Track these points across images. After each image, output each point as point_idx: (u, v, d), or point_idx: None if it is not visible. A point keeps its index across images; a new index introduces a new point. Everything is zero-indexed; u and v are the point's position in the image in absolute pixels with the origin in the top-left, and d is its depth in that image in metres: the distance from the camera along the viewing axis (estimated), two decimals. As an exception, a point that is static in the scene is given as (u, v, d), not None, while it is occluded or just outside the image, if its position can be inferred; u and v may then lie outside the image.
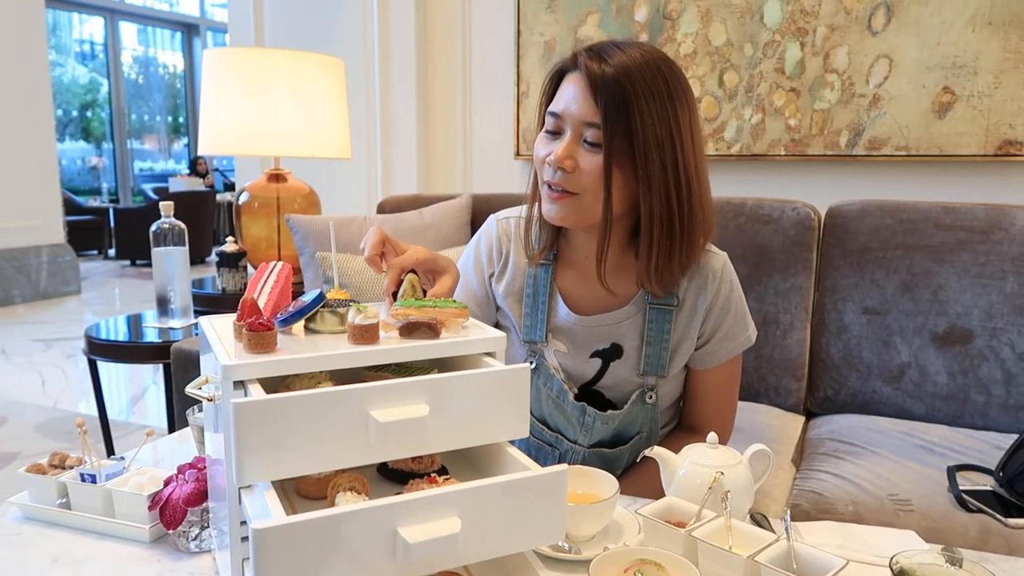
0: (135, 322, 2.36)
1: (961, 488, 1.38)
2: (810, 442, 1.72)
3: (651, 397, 1.21)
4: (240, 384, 0.69)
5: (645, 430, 1.24)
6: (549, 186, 1.11)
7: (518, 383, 0.74)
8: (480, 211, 2.24)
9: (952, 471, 1.45)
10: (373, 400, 0.67)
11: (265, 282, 0.84)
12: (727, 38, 2.76)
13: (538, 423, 1.27)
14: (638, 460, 1.03)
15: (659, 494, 0.96)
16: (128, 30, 11.34)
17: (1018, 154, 2.44)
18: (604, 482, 0.94)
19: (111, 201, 10.24)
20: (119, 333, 2.22)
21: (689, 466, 0.95)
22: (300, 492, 0.79)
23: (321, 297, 0.80)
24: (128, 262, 8.56)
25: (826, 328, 1.87)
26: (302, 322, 0.81)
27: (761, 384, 1.90)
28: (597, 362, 1.23)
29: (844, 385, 1.85)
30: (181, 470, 0.93)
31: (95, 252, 9.10)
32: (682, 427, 1.33)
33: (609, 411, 1.21)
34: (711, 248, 1.21)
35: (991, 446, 1.61)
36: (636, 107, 1.02)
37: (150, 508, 0.91)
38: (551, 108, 1.11)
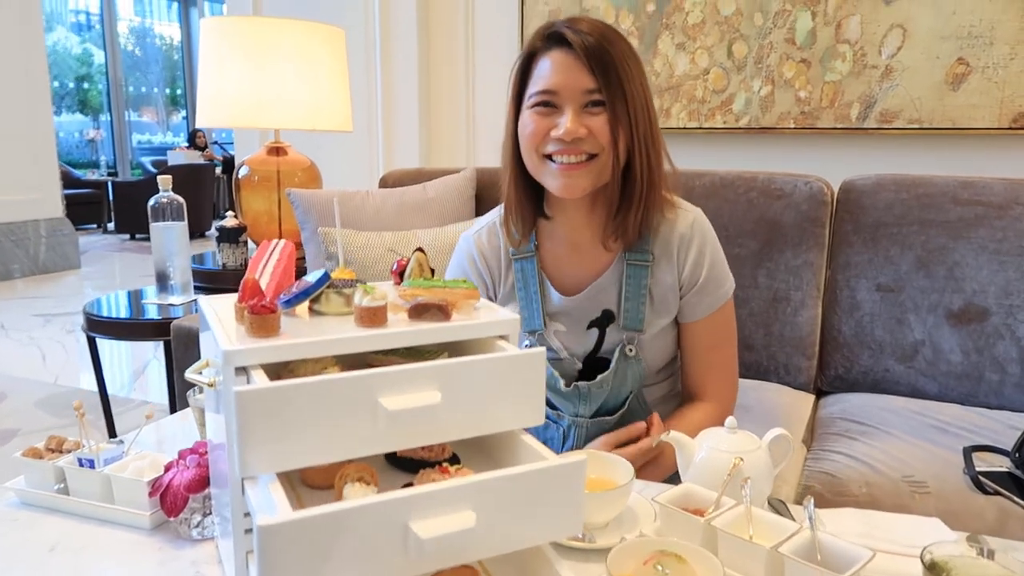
0: (135, 298, 2.33)
1: (977, 469, 1.36)
2: (821, 421, 1.69)
3: (631, 350, 1.23)
4: (242, 370, 0.65)
5: (635, 387, 1.26)
6: (552, 160, 1.15)
7: (533, 368, 0.71)
8: (485, 185, 2.19)
9: (968, 452, 1.42)
10: (382, 387, 0.64)
11: (267, 261, 0.80)
12: (736, 7, 2.69)
13: None
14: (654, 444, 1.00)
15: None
16: (124, 0, 11.17)
17: (1033, 127, 2.39)
18: (619, 468, 0.91)
19: (109, 174, 10.14)
20: (118, 310, 2.18)
21: (707, 451, 0.92)
22: (306, 481, 0.76)
23: (326, 277, 0.77)
24: (128, 236, 8.50)
25: (838, 305, 1.83)
26: (306, 303, 0.77)
27: (771, 362, 1.87)
28: (595, 332, 1.26)
29: (856, 363, 1.82)
30: (182, 455, 0.90)
31: (94, 226, 9.04)
32: (685, 397, 1.34)
33: (599, 376, 1.23)
34: (683, 204, 1.26)
35: (1005, 426, 1.58)
36: (624, 71, 1.11)
37: (150, 494, 0.88)
38: (542, 87, 1.13)
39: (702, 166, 1.96)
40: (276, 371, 0.74)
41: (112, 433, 2.36)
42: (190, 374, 0.72)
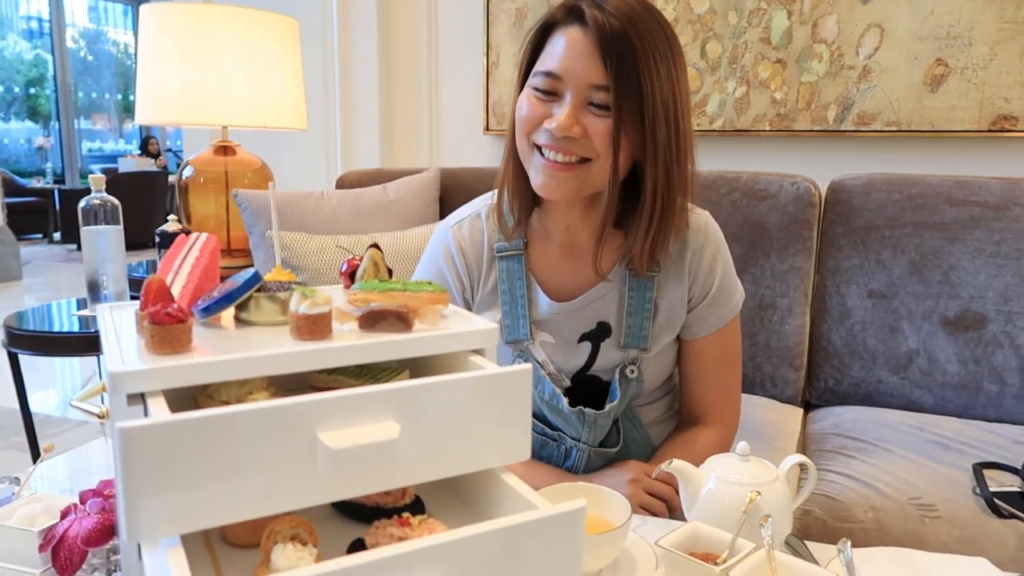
0: (65, 309, 2.13)
1: (990, 490, 1.25)
2: (813, 437, 1.57)
3: (632, 372, 1.09)
4: (139, 398, 0.50)
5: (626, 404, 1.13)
6: (542, 153, 0.98)
7: (517, 389, 0.56)
8: (449, 186, 2.05)
9: (978, 470, 1.31)
10: (322, 418, 0.49)
11: (184, 259, 0.65)
12: (710, 5, 2.59)
13: (538, 421, 1.13)
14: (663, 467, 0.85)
15: None
16: (78, 5, 10.84)
17: (1013, 129, 2.32)
18: (615, 505, 0.77)
19: (56, 182, 9.76)
20: (44, 322, 1.99)
21: (716, 483, 0.79)
22: (227, 538, 0.60)
23: (256, 278, 0.62)
24: (74, 246, 8.16)
25: (827, 313, 1.72)
26: (232, 310, 0.62)
27: (756, 374, 1.75)
28: (587, 346, 1.10)
29: (847, 375, 1.71)
30: (83, 498, 0.74)
31: (40, 236, 8.69)
32: (684, 420, 1.20)
33: (608, 406, 1.08)
34: (692, 208, 1.10)
35: (1008, 440, 1.48)
36: (645, 67, 0.92)
37: (40, 548, 0.72)
38: (547, 67, 0.97)
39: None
40: (192, 397, 0.59)
41: (35, 456, 2.15)
42: (76, 402, 0.56)
